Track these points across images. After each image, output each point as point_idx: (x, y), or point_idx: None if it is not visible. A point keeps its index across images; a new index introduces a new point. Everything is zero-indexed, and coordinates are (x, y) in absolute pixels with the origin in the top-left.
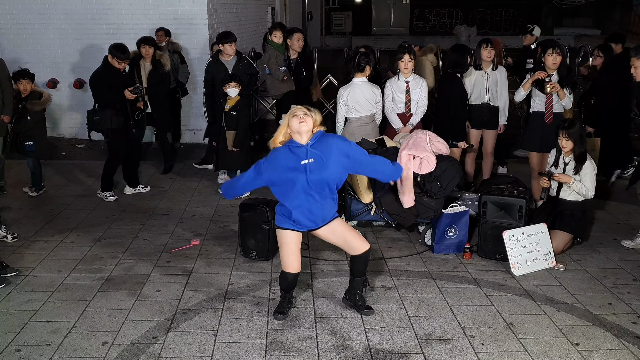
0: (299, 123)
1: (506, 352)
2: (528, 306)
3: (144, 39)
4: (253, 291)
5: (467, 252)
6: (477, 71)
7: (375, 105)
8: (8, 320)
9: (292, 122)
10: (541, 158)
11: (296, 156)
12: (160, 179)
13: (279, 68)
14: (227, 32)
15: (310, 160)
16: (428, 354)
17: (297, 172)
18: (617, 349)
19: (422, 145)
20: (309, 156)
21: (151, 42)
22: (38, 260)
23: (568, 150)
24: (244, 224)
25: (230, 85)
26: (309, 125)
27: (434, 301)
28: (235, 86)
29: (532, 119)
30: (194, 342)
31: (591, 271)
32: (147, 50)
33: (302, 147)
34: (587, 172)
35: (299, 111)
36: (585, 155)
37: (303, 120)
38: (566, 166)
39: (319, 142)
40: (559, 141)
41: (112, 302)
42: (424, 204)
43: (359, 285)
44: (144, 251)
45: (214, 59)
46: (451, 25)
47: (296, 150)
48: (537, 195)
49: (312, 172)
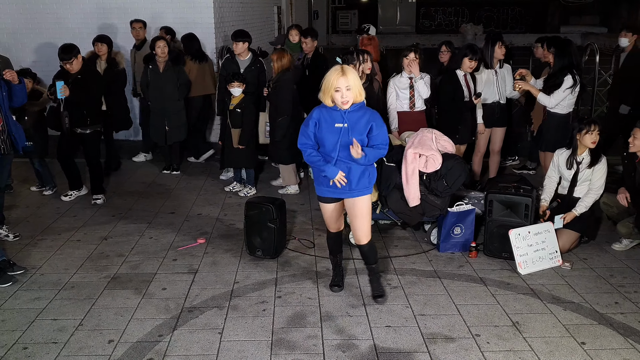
0: (341, 102)
1: (512, 351)
2: (534, 305)
3: (99, 37)
4: (259, 289)
5: (473, 251)
6: (488, 70)
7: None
8: (15, 318)
9: (336, 96)
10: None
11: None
12: (165, 178)
13: None
14: (238, 31)
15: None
16: (434, 352)
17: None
18: (623, 348)
19: (427, 143)
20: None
21: (105, 39)
22: (45, 259)
23: (584, 146)
24: (249, 222)
25: (233, 84)
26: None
27: (440, 300)
28: (238, 85)
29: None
30: (199, 341)
31: (598, 270)
32: (100, 47)
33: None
34: (600, 174)
35: (343, 88)
36: (600, 153)
37: (345, 101)
38: (579, 165)
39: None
40: (587, 137)
41: (118, 300)
42: (429, 203)
43: (372, 272)
44: (150, 249)
45: (230, 56)
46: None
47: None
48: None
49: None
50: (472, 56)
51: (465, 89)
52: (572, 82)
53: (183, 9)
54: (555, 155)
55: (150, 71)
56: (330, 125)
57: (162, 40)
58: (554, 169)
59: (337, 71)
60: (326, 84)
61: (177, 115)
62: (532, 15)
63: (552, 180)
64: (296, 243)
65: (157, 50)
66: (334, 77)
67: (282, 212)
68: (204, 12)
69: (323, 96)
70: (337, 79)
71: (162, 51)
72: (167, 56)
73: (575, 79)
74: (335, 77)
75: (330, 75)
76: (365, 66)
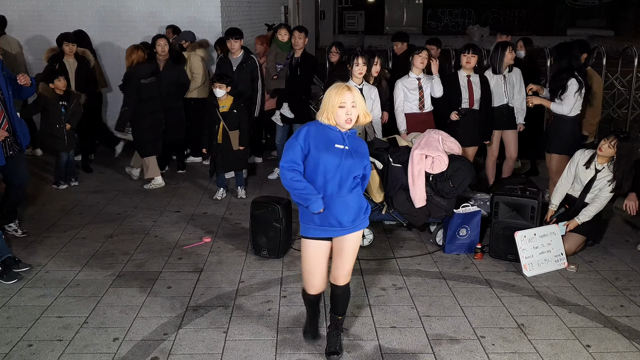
0: (344, 120)
1: (517, 353)
2: (539, 307)
3: (65, 35)
4: (264, 289)
5: (479, 253)
6: (497, 75)
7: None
8: (20, 315)
9: (339, 113)
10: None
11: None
12: (172, 177)
13: (276, 65)
14: (232, 28)
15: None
16: (439, 354)
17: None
18: (629, 351)
19: (434, 144)
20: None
21: (72, 38)
22: (50, 256)
23: (603, 157)
24: (255, 221)
25: (216, 85)
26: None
27: (445, 301)
28: (221, 87)
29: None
30: (204, 339)
31: (603, 273)
32: (72, 47)
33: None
34: (611, 194)
35: (348, 103)
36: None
37: (349, 119)
38: (598, 173)
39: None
40: (604, 147)
41: (123, 298)
42: (435, 204)
43: (335, 325)
44: (156, 248)
45: (223, 55)
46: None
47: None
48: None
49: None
50: (466, 50)
51: (467, 91)
52: (577, 85)
53: (190, 7)
54: (576, 155)
55: None
56: (329, 144)
57: (163, 39)
58: (571, 170)
59: (341, 86)
60: (328, 101)
61: (175, 114)
62: (539, 18)
63: (567, 182)
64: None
65: (157, 49)
66: (338, 92)
67: (288, 212)
68: (211, 11)
69: (322, 115)
70: (343, 93)
71: (162, 49)
72: (167, 55)
73: (580, 81)
74: (340, 91)
75: (333, 90)
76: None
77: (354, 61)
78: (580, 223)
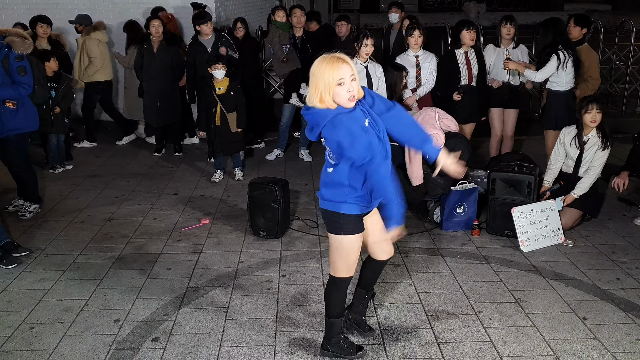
0: (347, 98)
1: (514, 327)
2: (536, 282)
3: (39, 17)
4: (263, 269)
5: (476, 229)
6: (498, 48)
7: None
8: (21, 299)
9: (339, 92)
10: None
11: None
12: (168, 159)
13: (282, 47)
14: (201, 12)
15: None
16: (437, 329)
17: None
18: (625, 323)
19: (430, 122)
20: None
21: (46, 20)
22: (49, 240)
23: (590, 127)
24: (253, 202)
25: (217, 66)
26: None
27: (443, 277)
28: (222, 67)
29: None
30: (205, 319)
31: (600, 247)
32: (46, 29)
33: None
34: (601, 155)
35: (347, 78)
36: (608, 136)
37: (351, 97)
38: (584, 145)
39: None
40: (587, 116)
41: (123, 280)
42: (432, 182)
43: (368, 300)
44: (154, 230)
45: (193, 40)
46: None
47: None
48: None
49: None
50: (469, 27)
51: (465, 68)
52: (557, 60)
53: None
54: (562, 133)
55: (144, 51)
56: (361, 127)
57: (156, 20)
58: (560, 147)
59: (332, 59)
60: (322, 79)
61: (170, 97)
62: None
63: (558, 159)
64: (300, 223)
65: (151, 30)
66: (332, 66)
67: (286, 193)
68: None
69: (316, 97)
70: (338, 67)
71: (156, 30)
72: (161, 36)
73: (564, 55)
74: (334, 65)
75: (324, 64)
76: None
77: (362, 41)
78: (577, 197)
